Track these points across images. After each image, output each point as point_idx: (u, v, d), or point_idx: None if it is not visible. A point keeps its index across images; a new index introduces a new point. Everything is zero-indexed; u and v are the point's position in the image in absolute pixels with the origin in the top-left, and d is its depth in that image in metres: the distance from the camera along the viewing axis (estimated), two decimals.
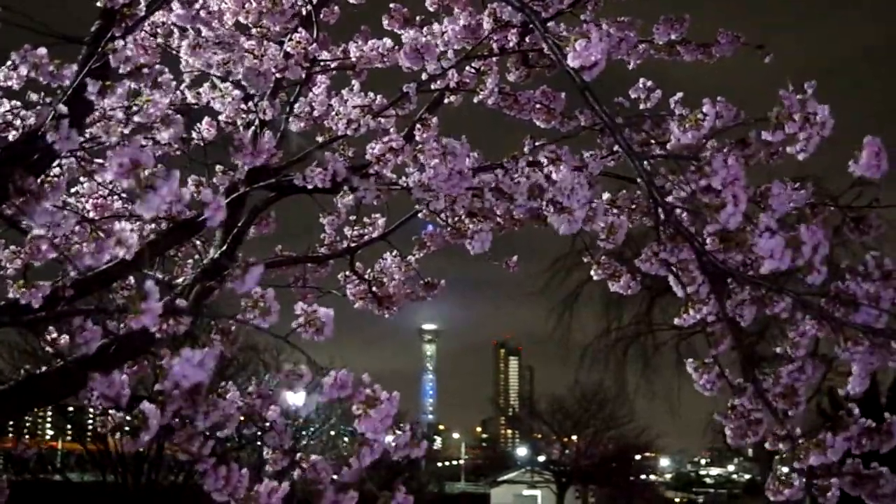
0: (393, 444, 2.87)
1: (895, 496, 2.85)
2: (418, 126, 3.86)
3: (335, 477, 3.10)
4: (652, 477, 62.12)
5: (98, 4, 3.18)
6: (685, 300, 3.33)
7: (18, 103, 3.01)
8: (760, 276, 2.92)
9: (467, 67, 4.04)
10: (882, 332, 2.89)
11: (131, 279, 4.07)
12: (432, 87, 4.05)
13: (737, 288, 3.19)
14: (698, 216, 3.00)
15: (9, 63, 3.07)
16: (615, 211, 3.95)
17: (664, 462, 75.39)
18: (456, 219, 3.88)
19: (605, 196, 3.94)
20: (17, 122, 2.99)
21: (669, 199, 3.10)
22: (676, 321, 3.42)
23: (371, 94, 3.84)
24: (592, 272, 3.93)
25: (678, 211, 3.15)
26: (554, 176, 3.38)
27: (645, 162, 3.03)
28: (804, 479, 2.95)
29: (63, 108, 2.68)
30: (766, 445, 3.07)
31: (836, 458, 2.89)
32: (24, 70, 2.97)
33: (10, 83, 3.14)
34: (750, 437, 3.18)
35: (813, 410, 22.77)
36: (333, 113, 3.83)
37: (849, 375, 3.03)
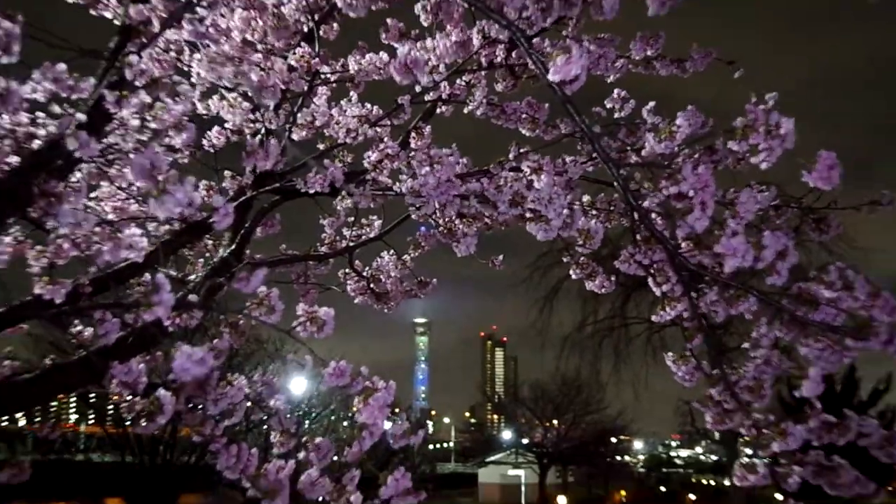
0: (391, 433, 2.86)
1: (853, 485, 2.85)
2: (413, 134, 3.86)
3: (336, 458, 3.08)
4: (626, 458, 62.30)
5: (116, 22, 3.16)
6: (661, 298, 3.33)
7: (42, 113, 2.98)
8: (728, 276, 2.92)
9: (458, 80, 4.04)
10: (839, 330, 2.89)
11: (147, 276, 4.04)
12: (425, 98, 4.04)
13: (707, 288, 3.19)
14: (670, 219, 3.00)
15: (34, 77, 3.05)
16: (594, 212, 3.95)
17: (638, 444, 75.56)
18: (447, 220, 3.88)
19: (585, 198, 3.94)
20: (41, 132, 2.96)
21: (644, 203, 3.10)
22: (653, 318, 3.42)
23: (368, 105, 3.84)
24: (571, 272, 3.92)
25: (652, 214, 3.15)
26: (536, 184, 3.38)
27: (621, 168, 3.03)
28: (769, 466, 2.95)
29: (82, 117, 2.66)
30: (742, 431, 3.07)
31: (796, 445, 2.89)
32: (47, 84, 2.94)
33: (35, 95, 3.11)
34: (727, 423, 3.17)
35: (773, 398, 22.88)
36: (334, 122, 3.83)
37: (806, 378, 3.02)
